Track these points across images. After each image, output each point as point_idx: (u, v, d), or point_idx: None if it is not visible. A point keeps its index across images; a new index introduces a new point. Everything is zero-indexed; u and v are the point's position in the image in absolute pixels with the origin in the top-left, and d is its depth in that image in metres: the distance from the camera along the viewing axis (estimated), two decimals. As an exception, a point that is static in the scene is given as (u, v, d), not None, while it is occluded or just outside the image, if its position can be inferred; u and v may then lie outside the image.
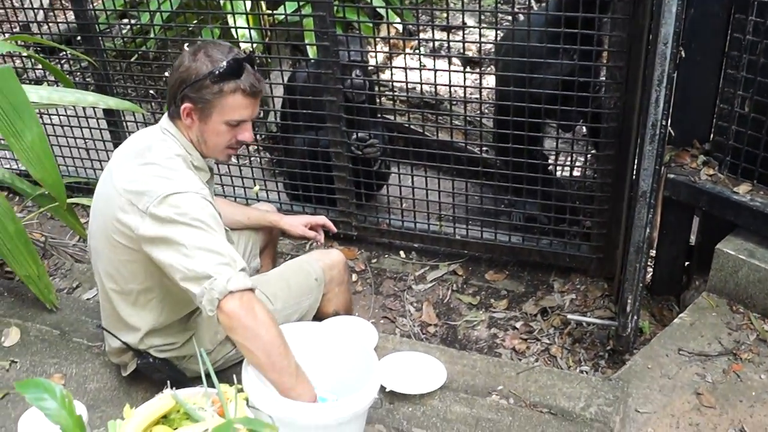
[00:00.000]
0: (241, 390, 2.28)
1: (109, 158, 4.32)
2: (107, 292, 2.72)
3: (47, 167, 3.04)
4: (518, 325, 3.72)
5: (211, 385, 2.22)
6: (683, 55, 3.00)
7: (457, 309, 3.89)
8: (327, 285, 3.18)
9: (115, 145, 4.52)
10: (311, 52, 4.71)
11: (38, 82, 5.14)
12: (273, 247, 3.53)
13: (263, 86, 2.61)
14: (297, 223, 3.30)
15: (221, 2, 4.56)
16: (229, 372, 2.75)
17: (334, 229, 3.42)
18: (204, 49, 2.50)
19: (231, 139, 2.60)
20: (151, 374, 2.86)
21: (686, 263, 3.65)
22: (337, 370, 2.66)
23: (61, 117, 4.69)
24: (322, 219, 3.36)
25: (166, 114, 2.65)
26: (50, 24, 4.83)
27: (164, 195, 2.41)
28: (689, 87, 3.24)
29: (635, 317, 3.16)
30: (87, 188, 4.55)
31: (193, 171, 2.59)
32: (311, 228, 3.32)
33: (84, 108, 4.40)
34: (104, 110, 4.44)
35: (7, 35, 4.73)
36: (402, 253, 4.27)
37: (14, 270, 3.31)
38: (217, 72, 2.45)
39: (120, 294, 2.68)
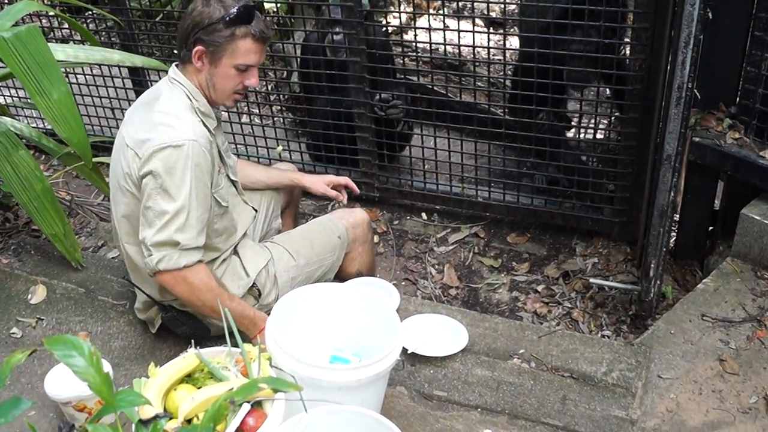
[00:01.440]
0: (264, 350, 2.30)
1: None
2: (123, 243, 2.79)
3: (73, 126, 3.06)
4: (540, 288, 3.72)
5: (234, 344, 2.24)
6: (710, 17, 2.96)
7: (479, 272, 3.89)
8: (350, 244, 3.20)
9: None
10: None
11: (64, 41, 5.14)
12: (294, 207, 3.54)
13: (271, 33, 2.71)
14: (319, 182, 3.32)
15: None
16: (252, 332, 2.79)
17: (357, 190, 3.44)
18: None
19: (238, 84, 2.69)
20: (175, 328, 2.90)
21: (710, 228, 3.62)
22: (359, 331, 2.67)
23: (87, 76, 4.70)
24: (344, 179, 3.38)
25: (174, 65, 2.73)
26: (78, -17, 4.82)
27: (160, 146, 2.53)
28: (716, 49, 3.19)
29: (658, 282, 3.14)
30: (112, 147, 4.56)
31: (198, 117, 2.68)
32: (333, 187, 3.33)
33: (110, 67, 4.40)
34: (129, 69, 4.44)
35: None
36: (424, 215, 4.26)
37: (41, 228, 3.34)
38: (228, 17, 2.54)
39: (136, 245, 2.74)
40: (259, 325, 2.74)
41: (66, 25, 4.85)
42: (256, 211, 3.08)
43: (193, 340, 2.37)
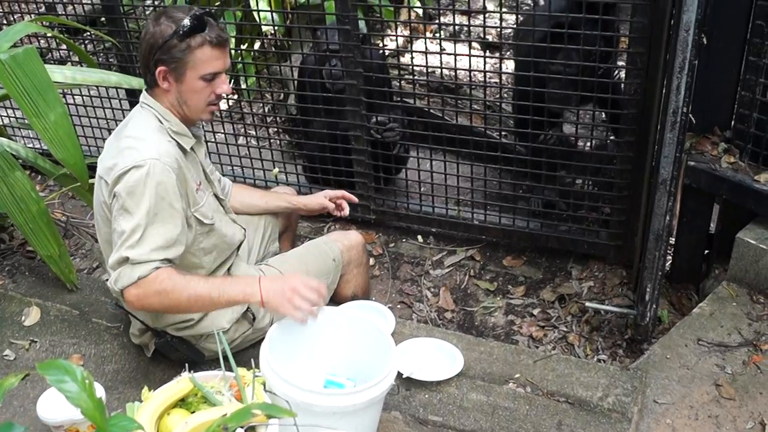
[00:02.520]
0: (258, 374, 2.29)
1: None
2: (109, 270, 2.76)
3: (69, 148, 3.07)
4: (536, 312, 3.71)
5: (229, 368, 2.23)
6: (705, 42, 2.97)
7: (475, 295, 3.88)
8: (345, 266, 3.20)
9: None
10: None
11: (62, 62, 5.16)
12: (292, 231, 3.54)
13: (228, 35, 2.70)
14: (315, 199, 3.35)
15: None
16: (247, 354, 2.78)
17: (355, 199, 3.43)
18: (164, 13, 2.59)
19: (210, 95, 2.67)
20: (169, 354, 2.88)
21: (706, 252, 3.62)
22: (354, 355, 2.66)
23: (84, 97, 4.70)
24: (341, 192, 3.40)
25: (144, 90, 2.73)
26: (75, 5, 4.83)
27: (124, 170, 2.52)
28: (711, 74, 3.21)
29: (654, 306, 3.14)
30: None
31: (170, 137, 2.66)
32: (330, 200, 3.35)
33: (107, 88, 4.41)
34: (127, 91, 4.45)
35: (32, 16, 4.73)
36: (420, 237, 4.26)
37: (36, 249, 3.34)
38: (181, 30, 2.53)
39: None
40: (254, 289, 2.61)
41: (64, 46, 4.86)
42: (244, 229, 3.06)
43: (186, 364, 2.36)
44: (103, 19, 4.55)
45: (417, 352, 3.00)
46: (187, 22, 2.53)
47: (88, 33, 4.68)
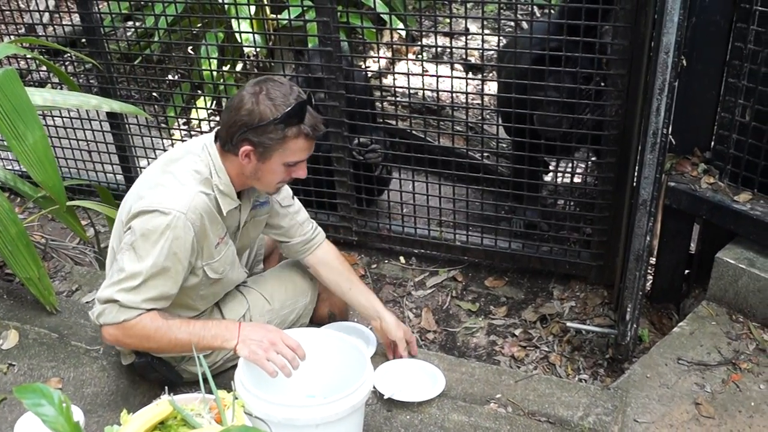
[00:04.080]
0: (238, 397, 2.28)
1: (111, 160, 4.34)
2: None
3: (48, 170, 3.06)
4: (517, 332, 3.71)
5: (208, 391, 2.22)
6: (684, 64, 3.00)
7: (457, 315, 3.88)
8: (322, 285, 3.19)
9: (118, 148, 4.54)
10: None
11: (42, 83, 5.15)
12: (278, 254, 3.53)
13: (323, 127, 2.63)
14: (398, 327, 3.07)
15: (226, 7, 4.57)
16: (227, 376, 2.77)
17: (415, 352, 3.16)
18: (265, 90, 2.49)
19: (286, 177, 2.64)
20: (148, 374, 2.87)
21: (686, 271, 3.64)
22: (332, 376, 2.67)
23: (64, 119, 4.69)
24: (412, 337, 3.16)
25: (215, 133, 2.67)
26: (55, 26, 4.83)
27: (148, 208, 2.50)
28: (690, 95, 3.24)
29: (635, 325, 3.15)
30: (89, 191, 4.55)
31: (209, 190, 2.61)
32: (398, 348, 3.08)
33: (87, 110, 4.41)
34: (107, 113, 4.44)
35: (12, 37, 4.73)
36: (402, 258, 4.26)
37: (15, 272, 3.31)
38: (280, 117, 2.46)
39: None
40: (232, 335, 2.62)
41: (44, 68, 4.86)
42: (247, 274, 3.07)
43: (166, 387, 2.35)
44: (83, 40, 4.55)
45: (398, 373, 3.00)
46: (288, 109, 2.47)
47: (69, 54, 4.68)
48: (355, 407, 2.36)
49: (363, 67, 5.14)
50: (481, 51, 3.84)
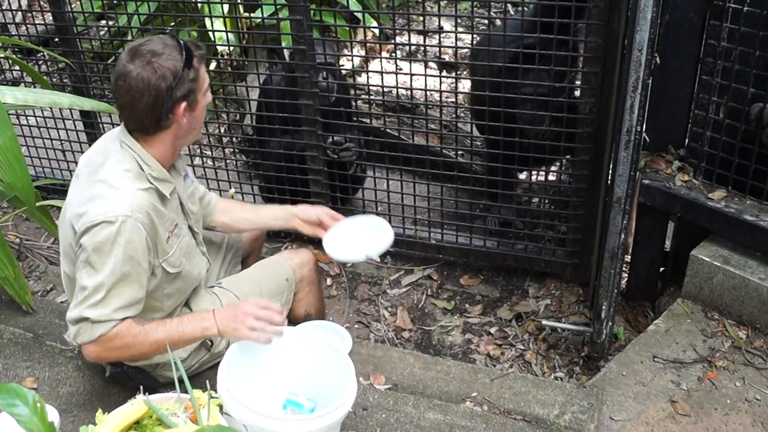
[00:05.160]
0: (214, 396, 2.26)
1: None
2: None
3: (17, 171, 3.04)
4: (493, 330, 3.71)
5: (184, 390, 2.20)
6: (658, 62, 3.01)
7: (432, 314, 3.87)
8: (297, 284, 3.17)
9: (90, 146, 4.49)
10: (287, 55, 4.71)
11: (15, 82, 5.10)
12: (256, 256, 3.50)
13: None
14: (314, 208, 3.16)
15: (199, 5, 4.54)
16: (203, 376, 2.75)
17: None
18: (148, 53, 2.46)
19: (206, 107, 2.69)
20: (124, 382, 2.84)
21: (661, 269, 3.65)
22: (313, 375, 2.65)
23: (37, 118, 4.64)
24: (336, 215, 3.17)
25: (122, 127, 2.62)
26: (28, 25, 4.79)
27: (93, 222, 2.45)
28: (664, 93, 3.25)
29: (610, 323, 3.16)
30: (62, 190, 4.50)
31: (147, 183, 2.57)
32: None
33: (61, 109, 4.37)
34: (81, 111, 4.40)
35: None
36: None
37: (-11, 271, 3.28)
38: (185, 60, 2.48)
39: None
40: (210, 323, 2.61)
41: (17, 67, 4.81)
42: (209, 261, 3.03)
43: (141, 386, 2.33)
44: (56, 39, 4.51)
45: (345, 236, 3.01)
46: (184, 51, 2.48)
47: (42, 53, 4.64)
48: (330, 426, 2.34)
49: (337, 65, 5.13)
50: (454, 49, 3.84)
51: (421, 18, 5.49)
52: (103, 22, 5.80)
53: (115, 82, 2.50)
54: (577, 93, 3.53)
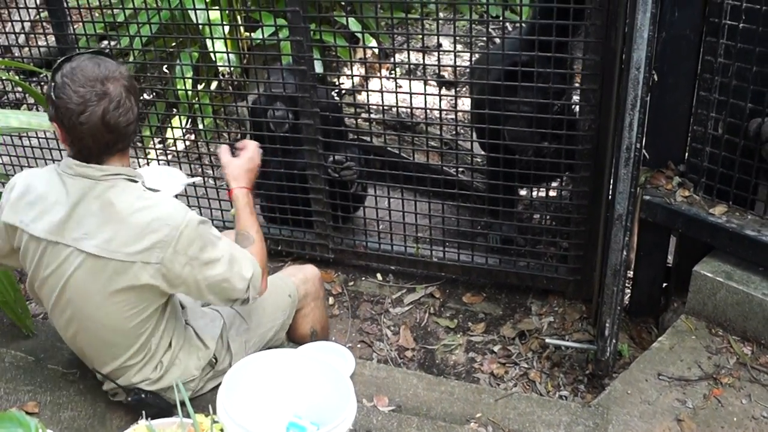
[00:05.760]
0: (216, 421, 2.26)
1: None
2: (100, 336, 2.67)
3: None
4: (496, 348, 3.70)
5: (186, 415, 2.19)
6: (656, 79, 3.01)
7: (435, 333, 3.87)
8: (301, 300, 3.19)
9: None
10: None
11: (18, 104, 5.11)
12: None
13: None
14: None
15: (200, 26, 4.56)
16: (205, 399, 2.75)
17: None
18: (106, 75, 2.39)
19: None
20: (144, 409, 2.81)
21: (664, 284, 3.64)
22: (315, 397, 2.64)
23: (40, 140, 4.64)
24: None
25: (102, 166, 2.49)
26: (31, 47, 4.81)
27: (174, 236, 2.45)
28: (663, 109, 3.25)
29: (614, 341, 3.14)
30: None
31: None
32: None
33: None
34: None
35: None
36: (379, 275, 4.25)
37: (-9, 294, 3.29)
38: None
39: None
40: (243, 198, 2.92)
41: (19, 89, 4.82)
42: None
43: (144, 411, 2.32)
44: (59, 60, 4.53)
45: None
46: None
47: (44, 75, 4.65)
48: None
49: (337, 84, 5.14)
50: (453, 67, 3.84)
51: (420, 36, 5.50)
52: (105, 42, 5.82)
53: None
54: (576, 109, 3.53)
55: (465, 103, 4.91)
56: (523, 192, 4.38)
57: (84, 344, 2.72)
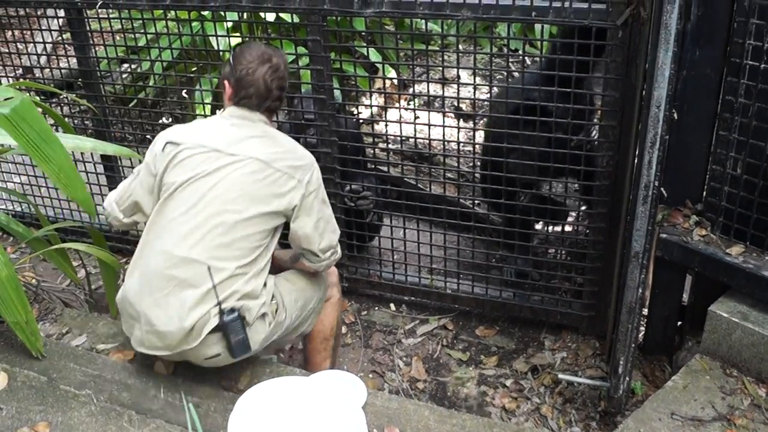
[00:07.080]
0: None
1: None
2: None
3: (77, 186, 3.19)
4: (508, 383, 3.69)
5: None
6: (676, 117, 3.01)
7: (447, 365, 3.85)
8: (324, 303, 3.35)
9: (111, 189, 4.54)
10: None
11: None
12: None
13: None
14: None
15: (220, 52, 4.59)
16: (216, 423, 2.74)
17: None
18: (266, 48, 3.11)
19: None
20: (228, 336, 2.86)
21: (679, 323, 3.62)
22: (325, 426, 2.62)
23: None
24: None
25: (258, 113, 3.08)
26: (53, 68, 4.85)
27: (311, 167, 3.01)
28: (682, 148, 3.25)
29: (627, 378, 3.13)
30: (82, 232, 4.54)
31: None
32: None
33: (82, 152, 4.41)
34: (102, 155, 4.45)
35: (10, 80, 4.74)
36: (392, 306, 4.24)
37: (3, 316, 3.29)
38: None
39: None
40: None
41: (40, 110, 4.86)
42: None
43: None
44: (80, 82, 4.57)
45: None
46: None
47: (64, 96, 4.69)
48: None
49: (355, 113, 5.16)
50: (472, 99, 3.85)
51: (440, 68, 5.53)
52: (126, 65, 5.87)
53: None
54: (594, 144, 3.54)
55: (482, 136, 4.92)
56: (538, 226, 4.38)
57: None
